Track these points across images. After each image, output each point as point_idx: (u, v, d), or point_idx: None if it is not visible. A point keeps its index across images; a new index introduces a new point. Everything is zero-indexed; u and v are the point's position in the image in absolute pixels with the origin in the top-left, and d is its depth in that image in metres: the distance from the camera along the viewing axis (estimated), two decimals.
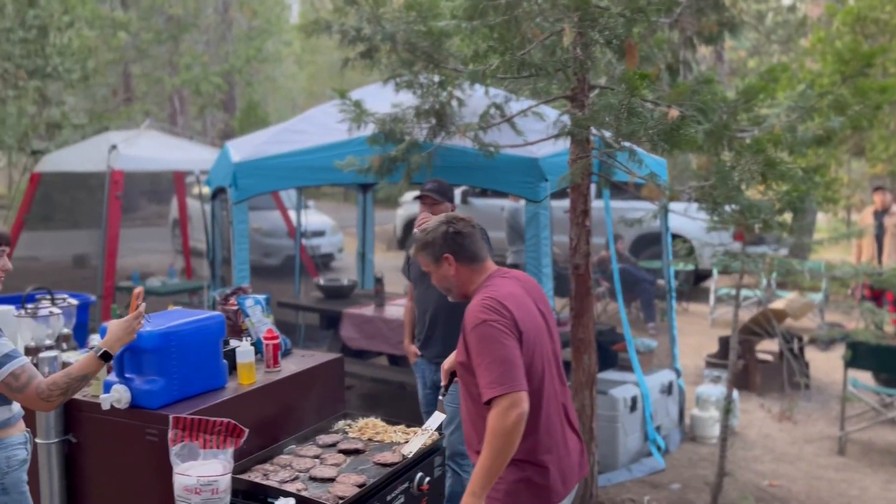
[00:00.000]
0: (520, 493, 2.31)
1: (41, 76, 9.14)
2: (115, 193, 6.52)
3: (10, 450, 2.44)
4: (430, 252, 2.51)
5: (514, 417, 2.14)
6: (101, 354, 2.39)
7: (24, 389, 2.32)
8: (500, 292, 2.35)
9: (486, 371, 2.20)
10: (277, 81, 24.67)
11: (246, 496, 2.50)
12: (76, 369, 2.36)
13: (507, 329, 2.24)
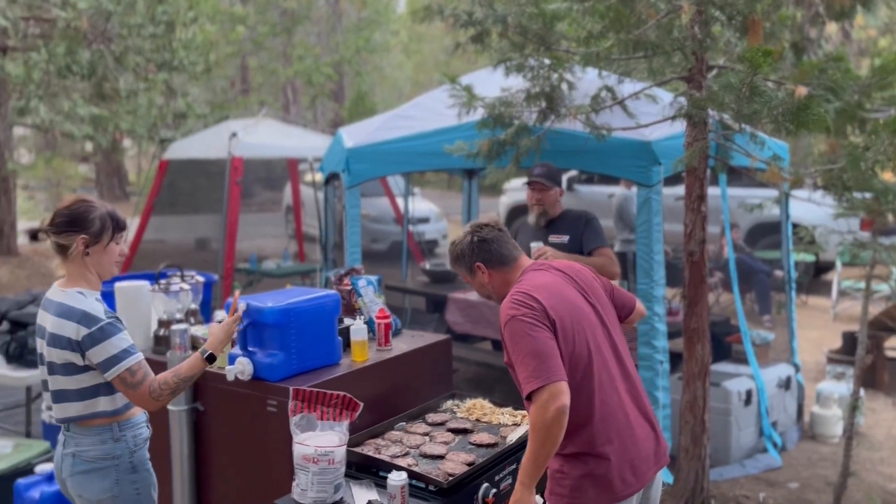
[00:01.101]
0: (585, 489, 2.23)
1: (169, 69, 9.70)
2: (235, 179, 6.86)
3: (137, 428, 2.48)
4: (462, 264, 2.52)
5: (554, 410, 2.08)
6: (207, 357, 2.45)
7: (137, 387, 2.33)
8: (531, 284, 2.31)
9: (522, 366, 2.15)
10: (384, 71, 25.14)
11: (359, 468, 2.59)
12: (185, 370, 2.41)
13: (538, 321, 2.18)
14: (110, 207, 2.46)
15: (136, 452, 2.44)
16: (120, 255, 2.49)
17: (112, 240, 2.43)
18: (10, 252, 10.83)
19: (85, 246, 2.38)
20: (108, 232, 2.41)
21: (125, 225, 2.50)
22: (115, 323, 2.36)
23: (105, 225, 2.40)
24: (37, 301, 4.24)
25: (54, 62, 8.43)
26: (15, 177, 11.13)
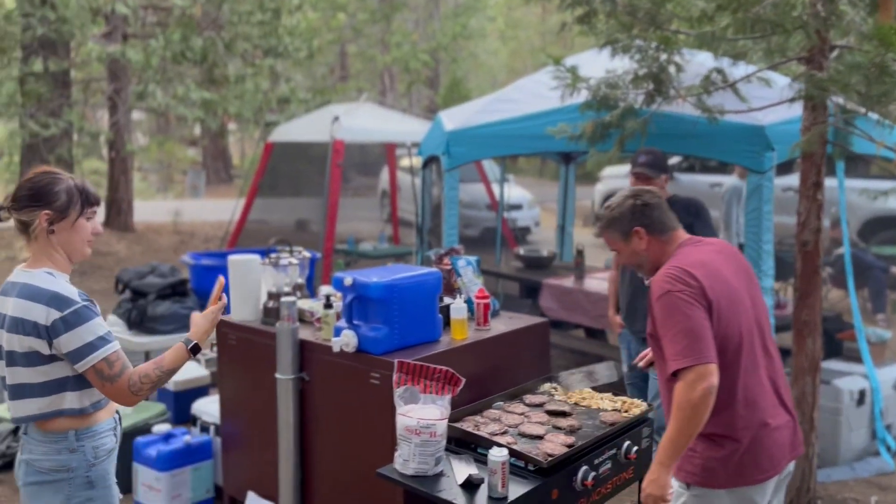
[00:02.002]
0: (716, 470, 2.21)
1: (274, 55, 10.05)
2: (337, 161, 7.04)
3: (98, 438, 2.15)
4: (617, 228, 2.43)
5: (701, 391, 2.05)
6: (192, 348, 2.20)
7: (115, 379, 2.06)
8: (688, 260, 2.25)
9: (672, 342, 2.13)
10: (479, 58, 25.12)
11: (458, 443, 2.63)
12: (168, 362, 2.16)
13: (694, 299, 2.14)
14: (80, 180, 2.18)
15: (95, 466, 2.13)
16: (93, 233, 2.18)
17: (81, 215, 2.13)
18: (127, 228, 11.53)
19: (49, 223, 2.09)
20: (76, 206, 2.11)
21: (97, 199, 2.19)
22: (91, 307, 2.09)
23: (72, 199, 2.11)
24: (156, 272, 4.50)
25: (170, 49, 8.88)
26: (132, 158, 11.81)
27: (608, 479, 2.67)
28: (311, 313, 3.36)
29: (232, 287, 3.53)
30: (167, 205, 14.63)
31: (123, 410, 3.89)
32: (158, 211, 13.39)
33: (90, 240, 2.18)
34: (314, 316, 3.33)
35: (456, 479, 2.38)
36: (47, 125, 9.10)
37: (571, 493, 2.50)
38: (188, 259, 4.73)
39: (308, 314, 3.37)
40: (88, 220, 2.16)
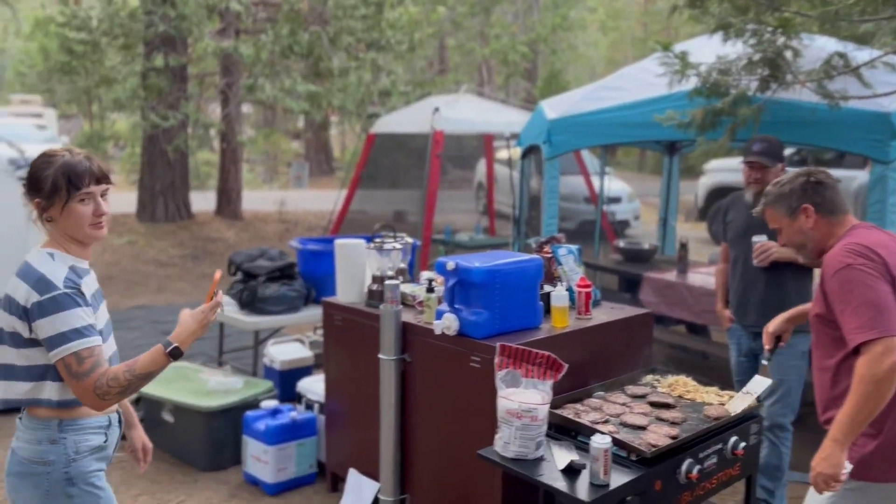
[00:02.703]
0: (872, 463, 2.12)
1: (377, 48, 10.25)
2: (436, 152, 7.13)
3: (84, 433, 2.00)
4: (785, 204, 2.36)
5: (889, 364, 1.96)
6: (171, 351, 1.95)
7: (82, 378, 1.88)
8: (868, 239, 2.16)
9: (854, 316, 2.04)
10: (578, 49, 24.73)
11: (558, 429, 2.62)
12: (141, 366, 1.93)
13: (877, 272, 2.05)
14: (73, 160, 1.97)
15: (75, 462, 1.97)
16: (95, 214, 1.98)
17: (70, 200, 1.95)
18: (235, 216, 12.07)
19: (41, 210, 1.98)
20: (61, 193, 1.94)
21: (95, 178, 1.98)
22: (74, 296, 1.92)
23: (57, 185, 1.94)
24: (266, 255, 4.70)
25: (279, 43, 9.22)
26: (241, 149, 12.35)
27: (713, 474, 2.60)
28: (414, 297, 3.43)
29: (338, 270, 3.65)
30: (272, 195, 15.22)
31: (221, 387, 4.10)
32: (264, 200, 13.95)
33: (93, 223, 1.98)
34: (416, 300, 3.40)
35: (556, 464, 2.37)
36: (166, 117, 9.65)
37: (675, 486, 2.45)
38: (296, 244, 4.91)
39: (410, 298, 3.44)
40: (83, 202, 1.96)
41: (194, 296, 8.18)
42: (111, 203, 2.07)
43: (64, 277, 1.93)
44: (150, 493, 3.73)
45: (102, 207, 1.99)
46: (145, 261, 9.65)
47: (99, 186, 1.98)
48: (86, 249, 2.06)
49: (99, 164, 2.01)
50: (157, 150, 10.85)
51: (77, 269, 2.00)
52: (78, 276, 1.98)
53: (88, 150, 2.05)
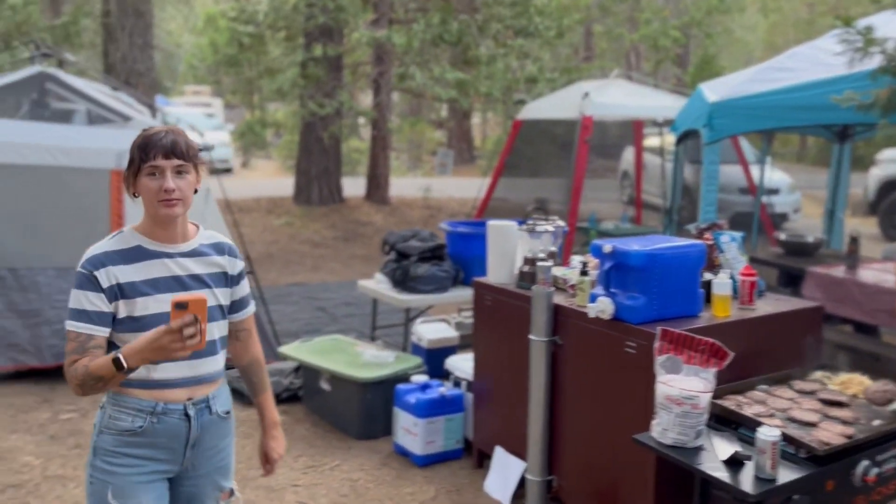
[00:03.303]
0: None
1: (525, 35, 10.22)
2: (585, 137, 7.02)
3: (117, 409, 1.93)
4: None
5: None
6: (114, 360, 1.78)
7: (66, 357, 1.87)
8: None
9: None
10: (734, 34, 23.41)
11: (718, 420, 2.53)
12: (93, 367, 1.81)
13: None
14: (152, 133, 1.90)
15: (101, 434, 1.94)
16: (163, 190, 1.87)
17: (140, 173, 1.89)
18: (382, 201, 12.51)
19: (126, 185, 1.95)
20: (134, 165, 1.90)
21: (162, 152, 1.87)
22: (84, 276, 1.88)
23: (132, 157, 1.91)
24: (418, 236, 4.85)
25: (430, 32, 9.42)
26: (390, 137, 12.76)
27: (892, 479, 2.42)
28: (565, 280, 3.42)
29: (490, 251, 3.70)
30: (417, 181, 15.61)
31: (375, 360, 4.26)
32: (409, 187, 14.34)
33: (161, 199, 1.88)
34: (568, 283, 3.39)
35: (717, 455, 2.30)
36: (323, 105, 10.14)
37: (848, 488, 2.31)
38: (446, 226, 5.03)
39: (561, 281, 3.43)
40: (152, 176, 1.88)
41: (345, 275, 8.57)
42: (271, 188, 2.15)
43: (90, 257, 1.90)
44: (309, 455, 3.97)
45: (168, 182, 1.86)
46: (301, 241, 10.22)
47: (169, 161, 1.87)
48: (167, 231, 1.94)
49: (176, 140, 1.89)
50: (313, 136, 11.44)
51: (125, 252, 1.91)
52: (108, 261, 1.89)
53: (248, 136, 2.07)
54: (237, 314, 2.13)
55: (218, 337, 2.03)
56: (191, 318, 1.71)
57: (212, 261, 2.02)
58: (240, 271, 2.10)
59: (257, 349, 2.23)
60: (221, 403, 2.07)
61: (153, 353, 1.74)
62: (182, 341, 1.70)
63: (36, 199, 4.78)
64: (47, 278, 4.75)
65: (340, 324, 6.47)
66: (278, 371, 4.78)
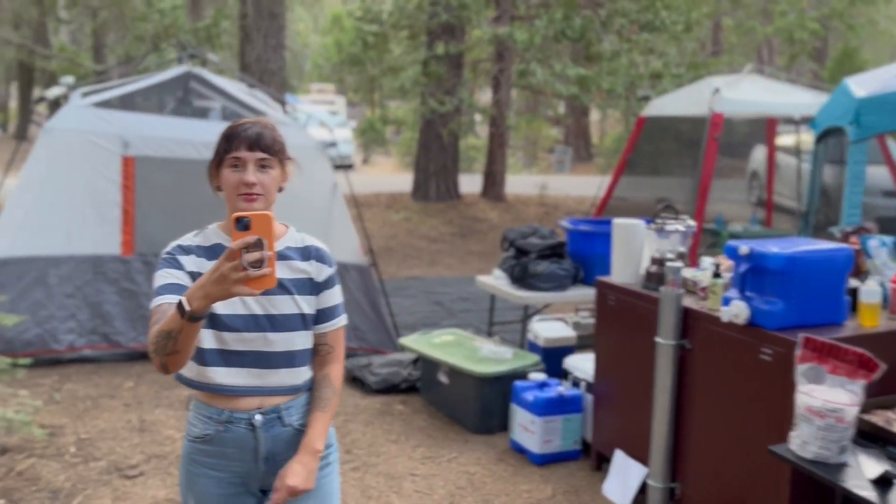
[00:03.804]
0: None
1: (650, 29, 9.94)
2: (714, 135, 6.74)
3: (194, 414, 1.86)
4: None
5: None
6: (178, 306, 1.56)
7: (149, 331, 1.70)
8: None
9: None
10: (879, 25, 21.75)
11: (865, 436, 2.36)
12: (162, 324, 1.61)
13: None
14: (238, 125, 1.80)
15: (184, 440, 1.89)
16: (243, 183, 1.74)
17: (223, 164, 1.78)
18: (498, 198, 12.54)
19: (210, 179, 1.85)
20: (216, 156, 1.80)
21: (234, 144, 1.76)
22: (170, 258, 1.79)
23: (217, 149, 1.81)
24: (538, 233, 4.82)
25: (552, 28, 9.34)
26: (508, 134, 12.76)
27: None
28: (695, 282, 3.30)
29: (615, 249, 3.63)
30: (532, 179, 15.53)
31: (493, 356, 4.27)
32: (525, 184, 14.29)
33: (241, 192, 1.74)
34: (698, 285, 3.27)
35: (864, 473, 2.15)
36: (443, 102, 10.27)
37: None
38: (566, 224, 4.97)
39: (690, 283, 3.31)
40: (235, 168, 1.76)
41: (461, 270, 8.65)
42: (390, 184, 1.96)
43: (175, 245, 1.82)
44: (427, 447, 4.03)
45: (248, 175, 1.73)
46: (418, 236, 10.41)
47: (252, 153, 1.75)
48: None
49: (262, 132, 1.78)
50: (432, 134, 11.62)
51: (206, 249, 1.82)
52: (192, 252, 1.81)
53: (369, 134, 1.82)
54: (321, 326, 1.89)
55: (299, 349, 1.84)
56: (253, 238, 1.46)
57: (296, 265, 1.84)
58: (327, 278, 1.88)
59: (335, 369, 1.92)
60: (300, 416, 1.87)
61: (215, 287, 1.49)
62: (244, 269, 1.46)
63: (180, 190, 5.11)
64: None
65: (456, 318, 6.53)
66: (397, 362, 4.90)
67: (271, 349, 1.81)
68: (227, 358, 1.79)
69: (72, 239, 4.94)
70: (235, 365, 1.79)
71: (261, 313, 1.80)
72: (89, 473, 3.58)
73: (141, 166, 5.07)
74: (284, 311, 1.81)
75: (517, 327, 5.43)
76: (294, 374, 1.85)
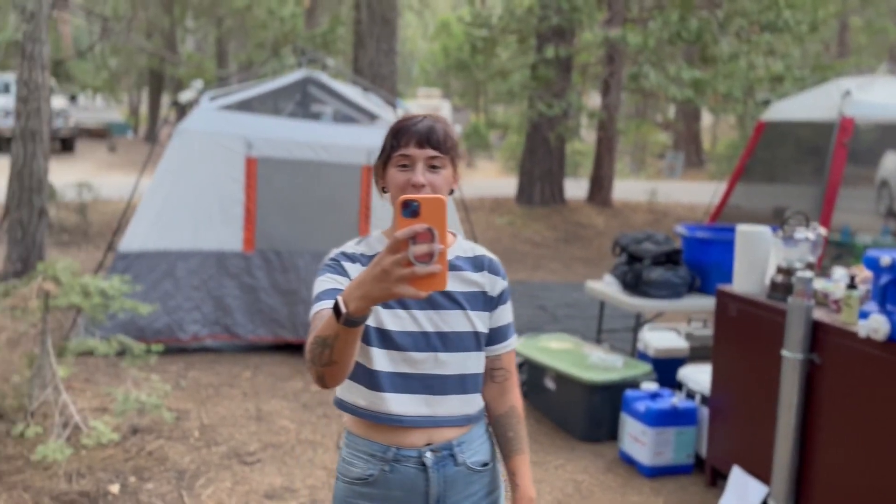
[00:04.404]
0: None
1: (772, 30, 9.50)
2: (843, 140, 6.36)
3: (350, 451, 1.64)
4: None
5: None
6: (334, 308, 1.32)
7: None
8: None
9: None
10: None
11: None
12: (318, 330, 1.39)
13: None
14: (408, 118, 1.60)
15: (336, 481, 1.66)
16: (410, 184, 1.53)
17: (389, 162, 1.58)
18: (605, 203, 12.32)
19: (376, 180, 1.65)
20: (384, 153, 1.60)
21: (403, 140, 1.56)
22: (333, 264, 1.59)
23: (384, 146, 1.60)
24: (652, 239, 4.70)
25: (667, 30, 9.09)
26: (617, 138, 12.52)
27: None
28: (826, 294, 3.12)
29: (738, 257, 3.48)
30: (640, 185, 15.16)
31: (602, 363, 4.19)
32: (632, 190, 13.97)
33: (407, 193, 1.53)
34: (829, 297, 3.09)
35: None
36: (551, 105, 10.20)
37: None
38: (682, 230, 4.82)
39: (821, 295, 3.14)
40: (403, 167, 1.56)
41: (565, 276, 8.55)
42: (494, 188, 1.63)
43: (339, 252, 1.61)
44: (533, 451, 4.00)
45: (418, 176, 1.53)
46: (522, 240, 10.37)
47: (422, 150, 1.55)
48: None
49: (434, 127, 1.57)
50: (539, 138, 11.55)
51: (371, 259, 1.54)
52: (357, 260, 1.60)
53: (474, 138, 1.47)
54: (495, 346, 1.69)
55: (472, 372, 1.63)
56: (423, 227, 1.22)
57: (467, 277, 1.64)
58: (501, 291, 1.69)
59: (517, 396, 1.74)
60: (473, 452, 1.65)
61: (375, 285, 1.24)
62: (410, 264, 1.21)
63: (298, 189, 5.31)
64: (305, 262, 5.26)
65: (561, 324, 6.46)
66: None
67: (442, 372, 1.59)
68: (397, 382, 1.58)
69: (198, 235, 5.22)
70: (403, 390, 1.57)
71: (431, 330, 1.59)
72: (211, 457, 3.77)
73: (262, 166, 5.30)
74: (457, 329, 1.60)
75: (626, 336, 5.31)
76: (466, 401, 1.63)
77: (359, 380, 1.59)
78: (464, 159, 22.37)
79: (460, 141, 2.52)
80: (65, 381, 3.96)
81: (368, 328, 1.55)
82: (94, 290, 3.82)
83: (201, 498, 3.39)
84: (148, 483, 3.48)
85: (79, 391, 4.37)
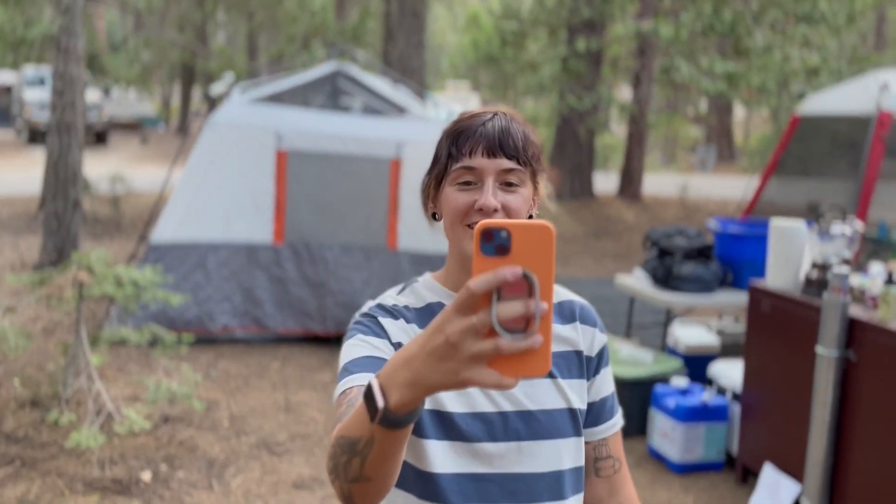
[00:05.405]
0: None
1: (808, 22, 9.31)
2: (881, 135, 6.21)
3: None
4: None
5: None
6: (371, 406, 0.86)
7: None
8: None
9: None
10: None
11: None
12: (342, 425, 0.95)
13: None
14: (474, 115, 1.15)
15: None
16: (475, 209, 1.10)
17: (445, 177, 1.14)
18: (634, 197, 12.20)
19: (426, 197, 1.20)
20: (440, 164, 1.16)
21: (467, 147, 1.12)
22: (362, 320, 1.16)
23: (437, 153, 1.17)
24: (683, 233, 4.64)
25: (700, 22, 8.95)
26: (647, 132, 12.38)
27: None
28: (862, 291, 3.05)
29: (771, 252, 3.42)
30: (671, 179, 14.99)
31: (632, 359, 4.15)
32: (662, 184, 13.81)
33: (472, 222, 1.11)
34: (866, 294, 3.02)
35: None
36: (582, 99, 10.11)
37: None
38: (715, 225, 4.75)
39: (857, 291, 3.07)
40: (465, 185, 1.12)
41: (595, 271, 8.49)
42: None
43: (375, 304, 1.19)
44: None
45: (488, 198, 1.09)
46: None
47: (493, 161, 1.11)
48: (459, 270, 1.17)
49: (508, 128, 1.13)
50: (569, 131, 11.47)
51: (419, 312, 1.17)
52: (401, 315, 1.16)
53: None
54: (598, 428, 1.24)
55: (569, 467, 1.16)
56: (515, 273, 0.75)
57: (555, 332, 1.18)
58: (601, 350, 1.24)
59: (632, 495, 1.29)
60: None
61: (433, 364, 0.79)
62: (493, 333, 0.75)
63: (327, 182, 5.33)
64: (334, 254, 5.29)
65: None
66: None
67: (529, 469, 1.12)
68: (466, 488, 1.10)
69: (229, 227, 5.27)
70: (475, 500, 1.10)
71: (510, 410, 1.12)
72: (241, 447, 3.81)
73: (292, 159, 5.33)
74: (546, 406, 1.14)
75: (656, 331, 5.26)
76: None
77: (408, 487, 1.10)
78: None
79: None
80: (98, 369, 4.03)
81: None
82: (126, 280, 3.88)
83: (231, 487, 3.43)
84: (178, 471, 3.53)
85: (111, 380, 4.45)
